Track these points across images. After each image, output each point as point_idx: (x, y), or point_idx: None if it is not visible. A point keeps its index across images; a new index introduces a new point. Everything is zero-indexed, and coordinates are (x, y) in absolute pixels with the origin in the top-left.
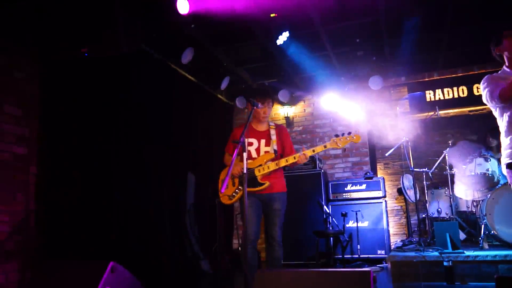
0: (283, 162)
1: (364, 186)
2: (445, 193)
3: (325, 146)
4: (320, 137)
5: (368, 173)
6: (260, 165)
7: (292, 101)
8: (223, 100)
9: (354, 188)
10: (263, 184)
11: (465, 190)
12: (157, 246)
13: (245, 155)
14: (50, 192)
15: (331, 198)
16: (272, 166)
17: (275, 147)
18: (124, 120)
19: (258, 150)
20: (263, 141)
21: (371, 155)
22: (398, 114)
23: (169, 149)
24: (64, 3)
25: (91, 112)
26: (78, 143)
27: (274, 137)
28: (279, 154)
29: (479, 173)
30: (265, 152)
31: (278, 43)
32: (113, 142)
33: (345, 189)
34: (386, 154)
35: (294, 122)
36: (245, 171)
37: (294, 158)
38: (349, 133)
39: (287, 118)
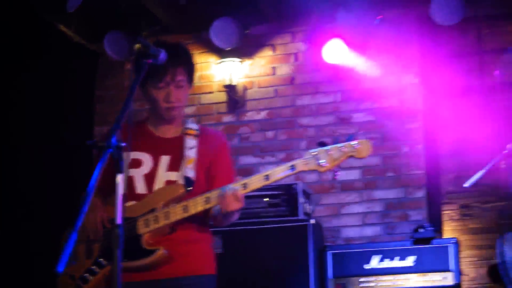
0: (197, 205)
1: (410, 260)
2: None
3: (292, 168)
4: (309, 139)
5: (421, 229)
6: (153, 210)
7: (246, 48)
8: (71, 38)
9: (387, 264)
10: (154, 251)
11: None
12: None
13: (120, 185)
14: None
15: None
16: (176, 213)
17: (191, 174)
18: None
19: (150, 178)
20: (165, 160)
21: (431, 187)
22: (497, 87)
23: None
24: None
25: None
26: None
27: (192, 153)
28: (200, 190)
29: None
30: (167, 181)
31: None
32: None
33: (366, 266)
34: (466, 184)
35: (247, 100)
36: (118, 220)
37: (207, 201)
38: (349, 139)
39: (229, 88)
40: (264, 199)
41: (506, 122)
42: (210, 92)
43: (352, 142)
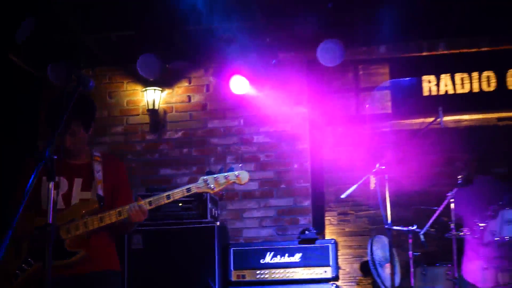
0: (111, 217)
1: (297, 257)
2: (446, 273)
3: (188, 190)
4: (218, 155)
5: (307, 231)
6: (73, 220)
7: (166, 79)
8: (20, 66)
9: (278, 260)
10: (75, 253)
11: (483, 270)
12: None
13: (51, 191)
14: None
15: (232, 279)
16: (93, 223)
17: (100, 192)
18: None
19: (67, 196)
20: (78, 182)
21: (315, 197)
22: (368, 118)
23: None
24: None
25: None
26: None
27: (99, 175)
28: (108, 205)
29: (509, 238)
30: (81, 200)
31: None
32: None
33: (262, 261)
34: (342, 196)
35: (167, 122)
36: (50, 220)
37: (120, 214)
38: (231, 169)
39: (152, 112)
40: (179, 204)
41: (375, 145)
42: (136, 115)
43: (235, 172)
